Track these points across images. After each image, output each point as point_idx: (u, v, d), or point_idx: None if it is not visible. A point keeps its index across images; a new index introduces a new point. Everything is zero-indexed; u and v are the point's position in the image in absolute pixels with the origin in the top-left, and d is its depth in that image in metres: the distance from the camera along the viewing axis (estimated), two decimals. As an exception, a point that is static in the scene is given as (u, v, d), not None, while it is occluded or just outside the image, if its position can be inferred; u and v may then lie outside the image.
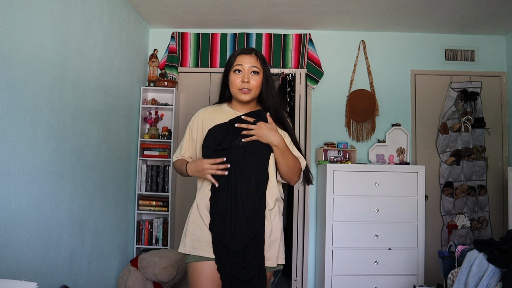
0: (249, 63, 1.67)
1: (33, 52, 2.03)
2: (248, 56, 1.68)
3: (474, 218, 3.72)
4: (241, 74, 1.67)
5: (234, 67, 1.68)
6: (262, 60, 1.71)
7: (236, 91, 1.68)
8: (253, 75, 1.67)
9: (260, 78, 1.68)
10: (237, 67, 1.67)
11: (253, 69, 1.67)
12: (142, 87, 3.65)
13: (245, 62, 1.67)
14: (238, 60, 1.68)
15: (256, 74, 1.67)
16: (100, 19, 2.80)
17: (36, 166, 2.07)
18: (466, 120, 3.69)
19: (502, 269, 1.97)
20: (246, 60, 1.67)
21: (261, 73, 1.69)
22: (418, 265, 3.22)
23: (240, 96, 1.67)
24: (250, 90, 1.67)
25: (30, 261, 2.03)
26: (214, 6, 3.34)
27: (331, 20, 3.62)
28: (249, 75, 1.66)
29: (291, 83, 3.91)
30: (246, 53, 1.69)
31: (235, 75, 1.68)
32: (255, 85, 1.67)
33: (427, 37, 3.86)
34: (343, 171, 3.27)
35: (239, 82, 1.66)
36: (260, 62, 1.69)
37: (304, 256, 3.70)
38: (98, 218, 2.82)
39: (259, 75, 1.68)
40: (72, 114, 2.43)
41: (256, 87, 1.68)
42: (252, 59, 1.68)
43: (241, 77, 1.66)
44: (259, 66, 1.68)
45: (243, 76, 1.66)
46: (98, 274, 2.85)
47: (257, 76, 1.67)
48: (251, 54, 1.70)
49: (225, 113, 1.75)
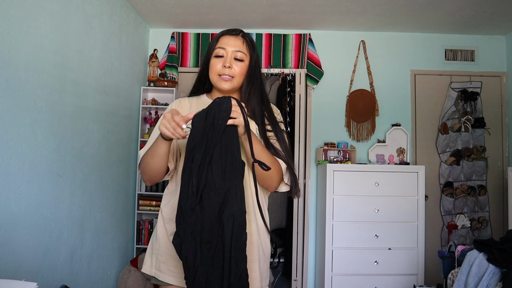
0: (233, 46, 1.38)
1: (33, 52, 2.03)
2: (233, 38, 1.40)
3: (474, 218, 3.72)
4: (222, 59, 1.38)
5: (215, 51, 1.39)
6: (250, 44, 1.43)
7: (215, 77, 1.39)
8: (237, 61, 1.39)
9: (245, 65, 1.40)
10: (218, 51, 1.39)
11: (237, 55, 1.38)
12: (142, 87, 3.65)
13: (228, 45, 1.38)
14: (221, 42, 1.40)
15: (240, 61, 1.39)
16: (100, 19, 2.80)
17: (36, 166, 2.07)
18: (466, 120, 3.69)
19: (502, 269, 1.97)
20: (231, 42, 1.39)
21: (247, 60, 1.40)
22: (418, 265, 3.22)
23: (220, 83, 1.39)
24: (232, 77, 1.38)
25: (30, 261, 2.03)
26: (214, 6, 3.34)
27: (331, 20, 3.62)
28: (232, 60, 1.38)
29: (291, 83, 3.91)
30: (232, 34, 1.41)
31: (216, 60, 1.39)
32: (238, 72, 1.38)
33: (427, 37, 3.86)
34: (343, 171, 3.27)
35: (220, 66, 1.38)
36: (247, 46, 1.41)
37: (304, 256, 3.70)
38: (98, 218, 2.82)
39: (243, 62, 1.39)
40: (72, 114, 2.43)
41: (240, 75, 1.39)
42: (237, 42, 1.40)
43: (223, 61, 1.38)
44: (245, 51, 1.40)
45: (225, 60, 1.38)
46: (98, 274, 2.85)
47: (241, 63, 1.39)
48: (237, 35, 1.41)
49: (203, 104, 1.44)
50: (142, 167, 1.36)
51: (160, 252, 1.40)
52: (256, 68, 1.44)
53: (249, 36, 1.44)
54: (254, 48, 1.44)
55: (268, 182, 1.36)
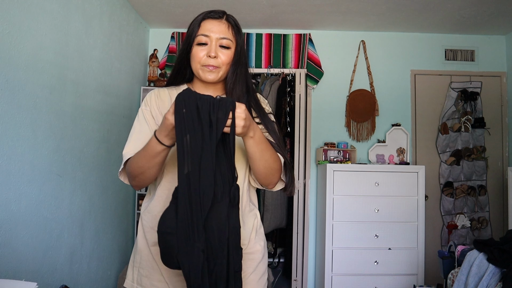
0: (218, 32, 1.23)
1: (33, 52, 2.03)
2: (217, 23, 1.25)
3: (474, 218, 3.72)
4: (206, 47, 1.24)
5: (198, 38, 1.24)
6: (236, 28, 1.28)
7: (199, 68, 1.25)
8: (223, 49, 1.24)
9: (231, 53, 1.25)
10: (201, 39, 1.23)
11: (222, 42, 1.24)
12: (142, 87, 3.65)
13: (212, 31, 1.23)
14: (203, 27, 1.24)
15: (226, 49, 1.25)
16: (100, 19, 2.80)
17: (36, 166, 2.07)
18: (466, 120, 3.69)
19: (502, 269, 1.97)
20: (215, 28, 1.24)
21: (233, 47, 1.26)
22: (418, 265, 3.22)
23: (204, 74, 1.25)
24: (218, 67, 1.24)
25: (30, 261, 2.03)
26: (214, 6, 3.34)
27: (331, 20, 3.62)
28: (217, 48, 1.23)
29: (291, 83, 3.91)
30: (215, 17, 1.26)
31: (199, 49, 1.24)
32: (224, 61, 1.24)
33: (427, 37, 3.86)
34: (343, 171, 3.27)
35: (204, 56, 1.23)
36: (233, 31, 1.27)
37: (304, 256, 3.70)
38: (98, 218, 2.82)
39: (230, 50, 1.25)
40: (72, 114, 2.43)
41: (226, 64, 1.25)
42: (222, 27, 1.24)
43: (207, 50, 1.23)
44: (231, 37, 1.25)
45: (209, 49, 1.23)
46: (98, 274, 2.85)
47: (227, 50, 1.25)
48: (221, 19, 1.26)
49: None
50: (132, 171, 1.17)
51: (142, 265, 1.26)
52: (242, 54, 1.29)
53: (233, 18, 1.30)
54: (239, 32, 1.29)
55: (270, 179, 1.24)
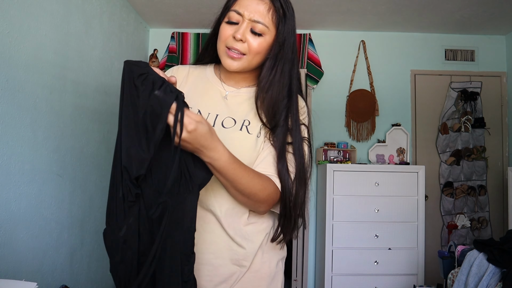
0: (253, 12, 0.99)
1: (33, 52, 2.03)
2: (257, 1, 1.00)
3: (474, 218, 3.72)
4: (235, 27, 1.01)
5: (229, 13, 1.03)
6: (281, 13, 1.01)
7: (222, 49, 1.03)
8: (254, 35, 1.00)
9: (265, 42, 1.01)
10: (232, 16, 1.02)
11: (256, 26, 0.99)
12: (142, 87, 3.64)
13: (247, 9, 0.99)
14: (239, 2, 1.02)
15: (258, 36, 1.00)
16: (100, 19, 2.80)
17: (36, 166, 2.07)
18: (466, 120, 3.69)
19: (502, 269, 1.97)
20: (252, 6, 0.99)
21: (271, 35, 1.01)
22: (418, 265, 3.22)
23: (225, 61, 1.03)
24: (243, 55, 1.02)
25: (30, 261, 2.03)
26: (214, 6, 3.33)
27: (331, 20, 3.62)
28: (247, 31, 1.00)
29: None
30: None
31: (227, 26, 1.03)
32: (253, 49, 1.01)
33: (427, 37, 3.86)
34: (343, 171, 3.27)
35: (230, 36, 1.01)
36: (275, 16, 1.01)
37: (304, 256, 3.70)
38: (98, 218, 2.82)
39: (263, 38, 1.01)
40: (72, 114, 2.43)
41: (255, 54, 1.02)
42: (260, 8, 0.99)
43: (235, 29, 1.01)
44: (268, 23, 1.00)
45: (237, 29, 1.00)
46: (98, 274, 2.85)
47: (259, 38, 1.00)
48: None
49: (206, 80, 1.13)
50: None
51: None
52: (286, 47, 1.03)
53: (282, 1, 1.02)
54: (285, 19, 1.02)
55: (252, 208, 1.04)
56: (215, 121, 1.07)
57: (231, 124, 1.07)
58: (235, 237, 1.05)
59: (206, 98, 1.10)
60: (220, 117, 1.07)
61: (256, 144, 1.06)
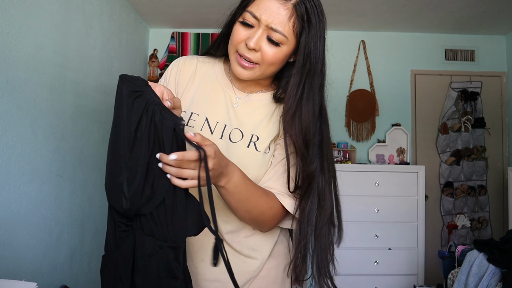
0: (271, 17, 0.87)
1: (33, 52, 2.03)
2: (278, 5, 0.87)
3: (474, 218, 3.72)
4: (250, 32, 0.90)
5: (244, 13, 0.90)
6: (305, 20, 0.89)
7: (232, 54, 0.93)
8: (270, 43, 0.89)
9: (281, 53, 0.90)
10: (248, 17, 0.89)
11: (273, 34, 0.88)
12: (142, 87, 3.64)
13: (265, 13, 0.87)
14: (258, 3, 0.88)
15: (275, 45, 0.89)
16: (100, 19, 2.80)
17: (36, 166, 2.07)
18: (466, 120, 3.69)
19: (502, 269, 1.97)
20: (271, 10, 0.86)
21: (289, 46, 0.90)
22: (418, 265, 3.22)
23: (235, 68, 0.93)
24: (256, 65, 0.91)
25: (30, 261, 2.03)
26: (214, 6, 3.34)
27: (331, 20, 3.62)
28: (262, 39, 0.89)
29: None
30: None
31: (240, 27, 0.91)
32: (268, 59, 0.90)
33: (427, 37, 3.86)
34: (343, 171, 3.27)
35: (242, 41, 0.90)
36: (298, 23, 0.88)
37: (304, 256, 3.69)
38: (98, 218, 2.82)
39: (280, 48, 0.89)
40: (72, 114, 2.43)
41: (269, 64, 0.91)
42: (281, 13, 0.87)
43: (248, 35, 0.89)
44: (287, 32, 0.88)
45: (251, 36, 0.89)
46: (98, 274, 2.84)
47: (276, 48, 0.89)
48: (287, 2, 0.87)
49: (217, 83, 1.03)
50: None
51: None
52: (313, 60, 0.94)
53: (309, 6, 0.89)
54: (310, 28, 0.90)
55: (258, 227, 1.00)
56: (223, 133, 1.00)
57: (239, 137, 1.00)
58: (242, 251, 1.02)
59: (215, 104, 1.02)
60: (228, 128, 1.00)
61: (263, 161, 0.99)
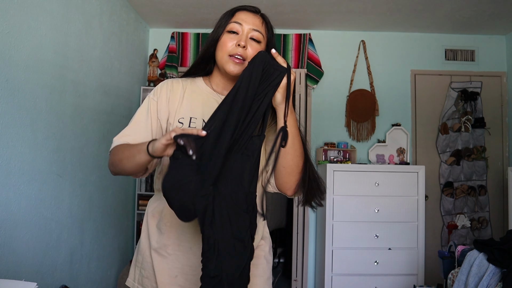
0: (251, 24, 1.19)
1: (33, 52, 2.03)
2: (252, 15, 1.20)
3: (474, 218, 3.72)
4: (237, 36, 1.18)
5: (230, 25, 1.19)
6: (269, 25, 1.23)
7: (225, 57, 1.18)
8: (253, 42, 1.19)
9: (261, 48, 1.20)
10: (233, 27, 1.19)
11: (254, 34, 1.18)
12: (142, 87, 3.65)
13: (245, 22, 1.19)
14: (237, 16, 1.20)
15: (256, 42, 1.19)
16: (100, 19, 2.80)
17: (36, 166, 2.07)
18: (466, 120, 3.69)
19: (502, 269, 1.97)
20: (249, 19, 1.19)
21: (264, 42, 1.21)
22: (418, 265, 3.22)
23: (228, 65, 1.18)
24: (244, 60, 1.17)
25: (30, 261, 2.03)
26: (214, 6, 3.34)
27: (331, 20, 3.62)
28: (248, 39, 1.18)
29: (291, 83, 3.91)
30: (250, 10, 1.22)
31: (229, 37, 1.18)
32: (252, 54, 1.16)
33: (427, 37, 3.86)
34: (343, 171, 3.27)
35: (232, 45, 1.17)
36: (266, 27, 1.22)
37: (304, 256, 3.70)
38: (98, 218, 2.82)
39: (259, 45, 1.20)
40: (72, 114, 2.43)
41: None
42: (256, 20, 1.20)
43: (237, 39, 1.17)
44: (263, 32, 1.20)
45: (240, 38, 1.17)
46: (98, 274, 2.85)
47: (257, 44, 1.19)
48: (256, 14, 1.22)
49: (199, 92, 1.26)
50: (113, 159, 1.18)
51: (144, 265, 1.27)
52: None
53: (267, 17, 1.25)
54: (272, 31, 1.25)
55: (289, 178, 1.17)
56: None
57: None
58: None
59: (207, 108, 1.21)
60: None
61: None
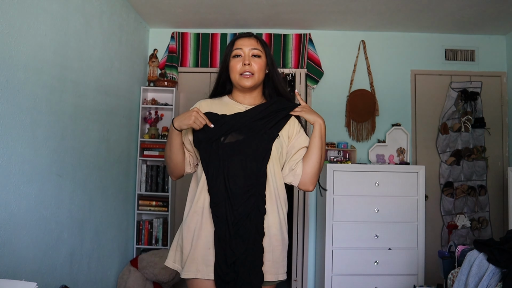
0: (248, 45, 1.55)
1: (33, 52, 2.03)
2: (247, 39, 1.57)
3: (474, 218, 3.72)
4: (241, 58, 1.54)
5: (234, 52, 1.55)
6: (263, 43, 1.60)
7: (237, 77, 1.54)
8: (255, 58, 1.55)
9: (262, 62, 1.56)
10: (236, 52, 1.55)
11: (254, 52, 1.55)
12: (142, 87, 3.64)
13: (244, 45, 1.55)
14: (236, 44, 1.57)
15: (257, 58, 1.55)
16: (100, 19, 2.80)
17: (36, 166, 2.07)
18: (466, 120, 3.69)
19: (502, 269, 1.97)
20: (246, 43, 1.55)
21: (263, 56, 1.57)
22: (418, 265, 3.22)
23: (242, 81, 1.54)
24: (253, 74, 1.53)
25: (30, 261, 2.03)
26: (214, 6, 3.34)
27: (331, 20, 3.62)
28: (250, 57, 1.54)
29: (291, 83, 3.91)
30: (245, 36, 1.59)
31: (235, 60, 1.55)
32: (257, 68, 1.53)
33: (427, 37, 3.86)
34: (343, 171, 3.26)
35: (240, 66, 1.53)
36: (261, 44, 1.58)
37: (304, 256, 3.69)
38: (98, 218, 2.82)
39: (261, 59, 1.56)
40: (72, 114, 2.43)
41: (259, 71, 1.55)
42: (252, 42, 1.56)
43: (242, 60, 1.53)
44: (260, 48, 1.56)
45: (244, 59, 1.53)
46: (98, 274, 2.85)
47: (259, 59, 1.55)
48: (250, 37, 1.59)
49: (225, 104, 1.62)
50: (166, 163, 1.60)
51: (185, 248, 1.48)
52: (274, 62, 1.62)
53: (260, 37, 1.62)
54: (266, 46, 1.61)
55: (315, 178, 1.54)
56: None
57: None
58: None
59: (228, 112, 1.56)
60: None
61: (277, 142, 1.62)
